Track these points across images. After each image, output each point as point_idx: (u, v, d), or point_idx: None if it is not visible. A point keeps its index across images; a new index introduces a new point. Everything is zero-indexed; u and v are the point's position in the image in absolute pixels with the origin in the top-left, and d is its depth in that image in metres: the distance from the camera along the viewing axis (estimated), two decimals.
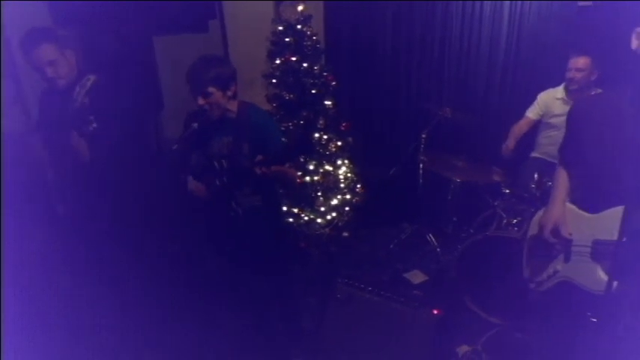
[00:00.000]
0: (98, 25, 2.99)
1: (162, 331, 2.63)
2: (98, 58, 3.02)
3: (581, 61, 2.97)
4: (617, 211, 1.59)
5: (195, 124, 2.09)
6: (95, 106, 2.17)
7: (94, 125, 2.14)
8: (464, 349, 2.61)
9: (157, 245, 2.52)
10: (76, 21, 2.97)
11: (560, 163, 2.00)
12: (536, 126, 3.34)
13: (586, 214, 1.79)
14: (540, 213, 2.01)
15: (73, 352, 2.35)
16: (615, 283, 1.53)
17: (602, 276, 1.67)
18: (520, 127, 3.35)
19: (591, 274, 1.69)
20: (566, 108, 3.09)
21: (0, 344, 1.85)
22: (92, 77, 2.18)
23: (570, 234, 1.81)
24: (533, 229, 2.01)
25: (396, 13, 3.74)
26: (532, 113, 3.31)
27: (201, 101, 2.05)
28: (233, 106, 2.16)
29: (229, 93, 2.10)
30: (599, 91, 3.01)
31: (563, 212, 1.85)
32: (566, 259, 1.83)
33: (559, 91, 3.19)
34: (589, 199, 1.81)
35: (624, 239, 1.45)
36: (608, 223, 1.62)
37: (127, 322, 2.49)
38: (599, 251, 1.69)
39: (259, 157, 1.98)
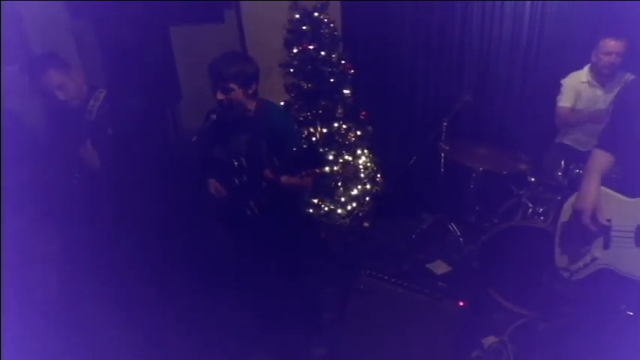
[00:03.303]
0: (114, 16, 2.98)
1: (180, 326, 2.64)
2: (115, 49, 3.02)
3: (616, 45, 2.86)
4: None
5: (214, 115, 2.08)
6: (114, 97, 2.18)
7: (110, 132, 2.18)
8: (490, 340, 2.57)
9: (173, 241, 2.52)
10: (92, 12, 2.96)
11: (600, 146, 1.93)
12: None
13: (626, 199, 1.73)
14: (572, 198, 1.94)
15: (79, 352, 2.36)
16: None
17: None
18: (565, 121, 3.16)
19: (635, 261, 1.62)
20: (593, 91, 3.04)
21: (0, 344, 1.86)
22: (104, 90, 2.24)
23: (609, 220, 1.74)
24: (565, 215, 1.95)
25: None
26: (567, 102, 3.10)
27: (220, 96, 2.03)
28: (252, 105, 2.14)
29: (250, 91, 2.08)
30: (630, 75, 2.91)
31: (599, 196, 1.79)
32: (606, 246, 1.76)
33: (583, 74, 3.07)
34: (630, 183, 1.75)
35: None
36: None
37: (143, 321, 2.50)
38: None
39: (268, 171, 1.94)
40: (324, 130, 3.26)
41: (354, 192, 3.35)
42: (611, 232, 1.75)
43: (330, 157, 3.25)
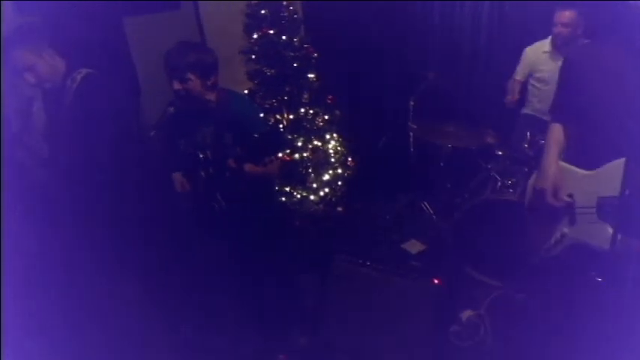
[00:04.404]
0: (65, 8, 2.82)
1: (162, 320, 2.59)
2: (67, 43, 2.87)
3: (566, 15, 2.89)
4: (618, 164, 1.53)
5: (171, 108, 2.00)
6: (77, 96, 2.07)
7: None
8: (467, 314, 2.61)
9: (145, 238, 2.45)
10: (41, 5, 2.79)
11: (554, 120, 1.93)
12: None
13: (585, 172, 1.73)
14: (534, 176, 1.95)
15: (74, 352, 2.30)
16: (620, 238, 1.48)
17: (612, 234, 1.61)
18: (513, 88, 3.26)
19: (601, 234, 1.63)
20: (553, 62, 3.07)
21: (0, 344, 1.80)
22: (84, 70, 2.08)
23: (570, 195, 1.75)
24: (529, 195, 1.95)
25: None
26: (519, 75, 3.24)
27: (177, 86, 1.95)
28: (212, 96, 2.07)
29: (208, 82, 2.01)
30: (586, 42, 2.94)
31: (559, 172, 1.79)
32: (572, 222, 1.77)
33: (546, 45, 3.12)
34: (586, 156, 1.75)
35: (627, 192, 1.40)
36: (611, 178, 1.56)
37: (123, 319, 2.43)
38: (605, 209, 1.63)
39: (231, 161, 1.88)
40: (291, 117, 3.20)
41: (326, 177, 3.31)
42: (574, 207, 1.75)
43: (299, 144, 3.20)
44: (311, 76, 3.26)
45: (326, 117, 3.32)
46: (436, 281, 2.27)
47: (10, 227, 2.09)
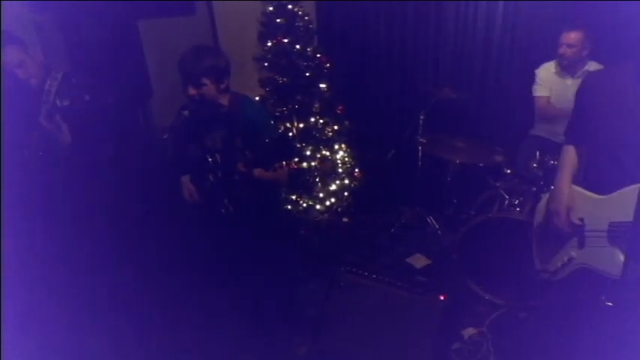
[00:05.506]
0: (79, 10, 2.85)
1: (163, 325, 2.58)
2: (81, 44, 2.89)
3: (572, 36, 2.91)
4: (632, 189, 1.53)
5: (186, 112, 2.02)
6: (82, 93, 2.11)
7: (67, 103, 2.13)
8: (469, 331, 2.59)
9: (150, 240, 2.46)
10: (56, 5, 2.82)
11: (568, 142, 1.93)
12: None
13: (597, 196, 1.72)
14: (545, 198, 1.94)
15: (72, 352, 2.29)
16: (631, 264, 1.47)
17: (623, 260, 1.60)
18: (545, 110, 3.18)
19: (611, 259, 1.62)
20: (562, 82, 3.08)
21: (0, 344, 1.79)
22: (62, 72, 2.19)
23: (581, 219, 1.74)
24: (539, 216, 1.94)
25: None
26: (544, 91, 3.16)
27: (192, 91, 1.97)
28: (225, 100, 2.09)
29: (222, 86, 2.03)
30: (595, 64, 2.95)
31: (571, 195, 1.79)
32: (581, 245, 1.76)
33: (553, 66, 3.13)
34: (599, 180, 1.75)
35: None
36: (624, 203, 1.55)
37: (125, 320, 2.43)
38: (617, 234, 1.62)
39: (240, 165, 1.89)
40: (301, 126, 3.21)
41: (333, 187, 3.31)
42: (584, 231, 1.74)
43: (308, 153, 3.21)
44: (322, 86, 3.27)
45: (335, 127, 3.33)
46: (442, 297, 2.25)
47: (10, 227, 2.11)
